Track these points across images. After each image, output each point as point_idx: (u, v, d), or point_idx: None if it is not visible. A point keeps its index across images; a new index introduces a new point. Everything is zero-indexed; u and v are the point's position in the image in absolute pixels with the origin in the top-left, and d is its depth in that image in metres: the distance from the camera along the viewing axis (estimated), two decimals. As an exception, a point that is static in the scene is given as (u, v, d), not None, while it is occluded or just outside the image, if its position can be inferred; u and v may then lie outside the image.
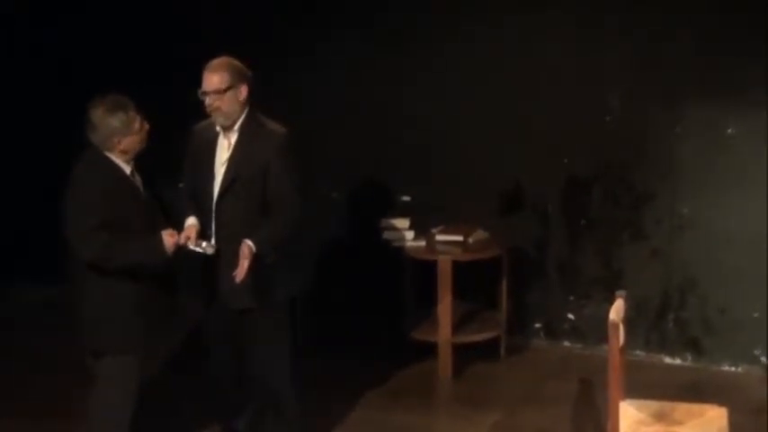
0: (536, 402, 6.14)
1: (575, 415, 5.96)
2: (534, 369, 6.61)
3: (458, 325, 6.52)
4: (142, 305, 4.77)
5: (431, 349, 6.50)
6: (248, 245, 4.92)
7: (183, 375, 6.01)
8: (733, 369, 6.51)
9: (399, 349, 6.75)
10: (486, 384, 6.43)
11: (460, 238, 6.53)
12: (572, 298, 6.84)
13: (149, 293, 4.80)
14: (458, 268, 6.37)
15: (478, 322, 6.72)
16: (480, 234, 6.63)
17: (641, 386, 5.35)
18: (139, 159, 4.85)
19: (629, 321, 4.96)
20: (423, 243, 6.59)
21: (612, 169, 6.62)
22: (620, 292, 4.83)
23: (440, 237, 6.59)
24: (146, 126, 4.80)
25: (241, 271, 4.91)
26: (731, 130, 6.34)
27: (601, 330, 6.03)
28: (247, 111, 5.13)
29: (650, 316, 6.64)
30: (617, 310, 4.66)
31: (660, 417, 4.74)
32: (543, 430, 5.80)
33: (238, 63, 5.12)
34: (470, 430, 5.85)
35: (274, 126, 5.21)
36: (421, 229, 6.66)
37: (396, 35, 6.92)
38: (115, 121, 4.69)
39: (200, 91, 5.06)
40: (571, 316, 6.85)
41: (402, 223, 6.72)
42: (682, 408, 4.82)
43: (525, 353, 6.84)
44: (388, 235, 6.71)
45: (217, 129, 5.17)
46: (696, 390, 6.17)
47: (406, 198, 7.02)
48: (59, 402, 5.98)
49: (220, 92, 5.02)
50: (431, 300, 6.45)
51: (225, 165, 5.12)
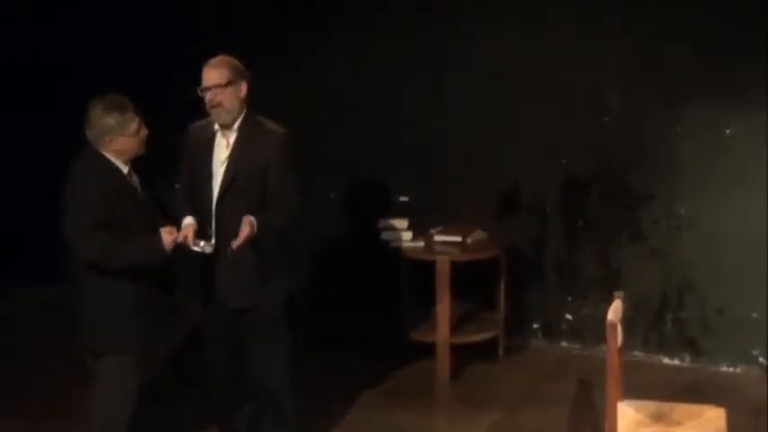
0: (534, 403, 6.14)
1: (573, 415, 5.96)
2: (532, 369, 6.62)
3: (456, 325, 6.53)
4: (142, 305, 4.78)
5: (429, 349, 6.50)
6: (250, 219, 4.94)
7: (183, 375, 6.00)
8: (731, 369, 6.51)
9: (397, 349, 6.76)
10: (484, 385, 6.43)
11: (459, 239, 6.54)
12: (570, 298, 6.85)
13: (149, 293, 4.80)
14: (456, 268, 6.37)
15: (477, 323, 6.72)
16: (479, 234, 6.63)
17: (639, 387, 5.35)
18: (137, 159, 4.85)
19: (627, 322, 4.97)
20: (421, 243, 6.59)
21: (611, 169, 6.62)
22: (618, 293, 4.83)
23: (438, 237, 6.59)
24: (144, 131, 4.79)
25: (240, 239, 4.92)
26: (730, 131, 6.34)
27: (599, 331, 6.04)
28: (246, 111, 5.15)
29: (649, 316, 6.65)
30: (615, 311, 4.66)
31: (658, 417, 4.74)
32: (541, 430, 5.80)
33: (237, 61, 5.13)
34: (469, 430, 5.85)
35: (273, 126, 5.21)
36: (419, 230, 6.67)
37: (396, 35, 6.92)
38: (110, 120, 4.69)
39: (199, 88, 5.06)
40: (569, 316, 6.86)
41: (400, 223, 6.72)
42: (680, 408, 4.82)
43: (523, 353, 6.84)
44: (387, 235, 6.71)
45: (215, 128, 5.17)
46: (694, 390, 6.17)
47: (404, 198, 7.03)
48: (59, 402, 5.99)
49: (221, 86, 5.03)
50: (429, 300, 6.45)
51: (224, 164, 5.13)
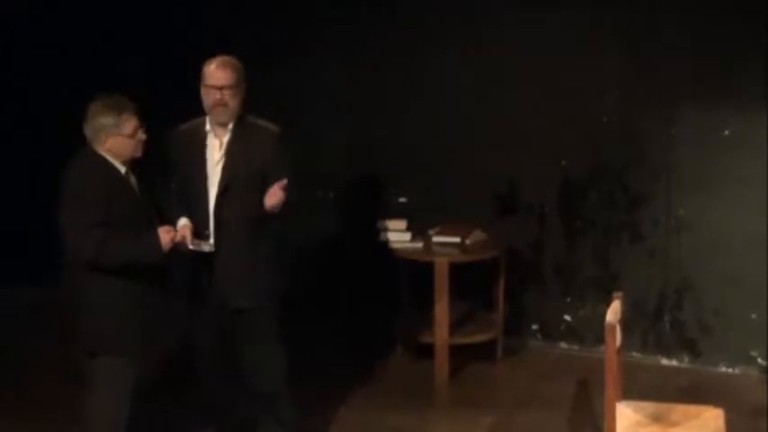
0: (533, 404, 6.13)
1: (571, 416, 5.95)
2: (531, 370, 6.61)
3: (455, 326, 6.51)
4: (138, 306, 4.77)
5: (428, 351, 6.49)
6: (284, 182, 4.97)
7: (180, 376, 5.99)
8: (730, 370, 6.50)
9: (396, 351, 6.76)
10: (482, 386, 6.43)
11: (457, 240, 6.53)
12: (569, 299, 6.84)
13: (145, 294, 4.79)
14: (455, 269, 6.36)
15: (475, 323, 6.71)
16: (477, 235, 6.62)
17: (638, 388, 5.36)
18: (135, 161, 4.85)
19: (626, 322, 4.96)
20: (420, 244, 6.58)
21: (610, 170, 6.61)
22: (617, 294, 4.83)
23: (437, 238, 6.58)
24: (142, 134, 4.78)
25: (278, 196, 4.94)
26: (729, 132, 6.34)
27: (597, 332, 6.07)
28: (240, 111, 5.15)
29: (647, 317, 6.64)
30: (614, 312, 4.66)
31: (657, 418, 4.74)
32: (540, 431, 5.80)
33: (239, 61, 5.14)
34: (468, 431, 5.85)
35: (267, 124, 5.21)
36: (418, 231, 6.66)
37: (396, 35, 6.91)
38: (106, 119, 4.70)
39: (208, 85, 5.04)
40: (568, 317, 6.85)
41: (399, 224, 6.70)
42: (678, 409, 4.82)
43: (522, 354, 6.83)
44: (386, 236, 6.70)
45: (206, 129, 5.16)
46: (693, 391, 6.17)
47: (403, 199, 7.02)
48: (57, 403, 5.97)
49: (231, 87, 5.03)
50: (428, 301, 6.44)
51: (219, 165, 5.12)
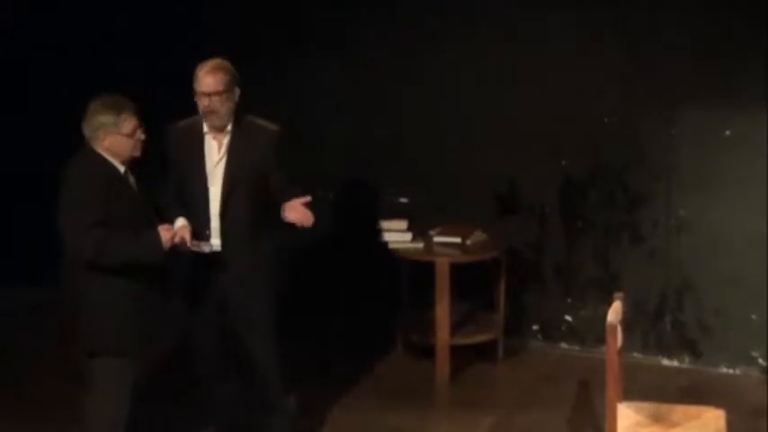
0: (533, 404, 6.13)
1: (572, 417, 5.95)
2: (532, 371, 6.60)
3: (455, 326, 6.50)
4: (137, 305, 4.76)
5: (428, 351, 6.49)
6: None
7: (179, 375, 5.99)
8: (731, 371, 6.50)
9: (396, 351, 6.76)
10: (483, 386, 6.43)
11: (458, 240, 6.52)
12: (569, 300, 6.83)
13: (145, 294, 4.78)
14: (455, 269, 6.35)
15: (476, 324, 6.71)
16: (478, 236, 6.62)
17: (639, 388, 5.36)
18: (134, 160, 4.84)
19: (626, 323, 4.96)
20: (420, 244, 6.57)
21: (610, 170, 6.61)
22: (617, 294, 4.83)
23: (437, 238, 6.58)
24: (141, 134, 4.78)
25: (302, 213, 5.05)
26: (729, 132, 6.34)
27: (598, 332, 6.06)
28: (236, 112, 5.14)
29: (648, 318, 6.63)
30: (615, 312, 4.66)
31: (657, 419, 4.73)
32: (541, 432, 5.81)
33: (231, 65, 5.13)
34: (468, 432, 5.86)
35: (267, 123, 5.22)
36: (419, 231, 6.65)
37: (396, 35, 6.91)
38: (105, 117, 4.69)
39: (198, 91, 5.05)
40: (568, 318, 6.84)
41: (400, 225, 6.70)
42: (679, 410, 4.82)
43: (523, 355, 6.83)
44: (386, 236, 6.70)
45: (204, 129, 5.17)
46: (694, 392, 6.16)
47: (404, 200, 7.01)
48: (57, 403, 5.97)
49: (220, 93, 5.03)
50: (428, 301, 6.44)
51: (220, 166, 5.13)
